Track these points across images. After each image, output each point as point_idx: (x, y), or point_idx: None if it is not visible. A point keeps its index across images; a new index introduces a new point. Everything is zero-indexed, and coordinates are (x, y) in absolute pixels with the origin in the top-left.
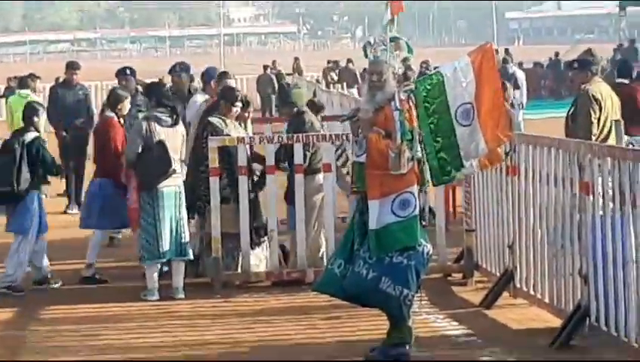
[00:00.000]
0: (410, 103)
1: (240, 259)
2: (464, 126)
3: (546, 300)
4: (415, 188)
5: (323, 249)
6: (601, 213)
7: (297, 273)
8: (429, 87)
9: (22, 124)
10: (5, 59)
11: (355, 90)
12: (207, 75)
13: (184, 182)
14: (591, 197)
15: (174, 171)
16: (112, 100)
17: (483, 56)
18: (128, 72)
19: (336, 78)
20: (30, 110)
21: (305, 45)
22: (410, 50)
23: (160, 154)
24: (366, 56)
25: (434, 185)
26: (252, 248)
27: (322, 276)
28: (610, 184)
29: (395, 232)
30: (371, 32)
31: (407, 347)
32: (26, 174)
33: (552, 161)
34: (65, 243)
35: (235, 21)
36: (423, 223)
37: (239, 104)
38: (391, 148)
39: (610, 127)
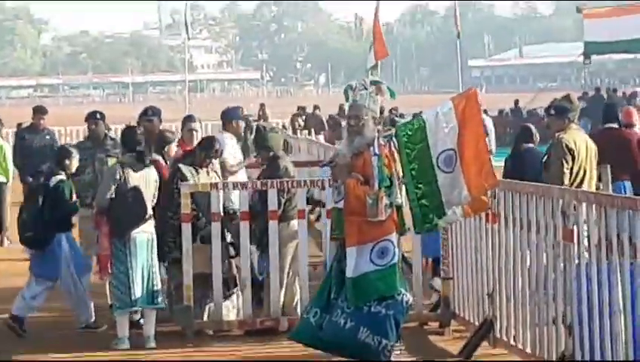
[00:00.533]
0: (393, 148)
1: (207, 307)
2: (446, 173)
3: (528, 350)
4: (394, 236)
5: (297, 297)
6: (586, 261)
7: (271, 321)
8: (410, 133)
9: None
10: None
11: (321, 137)
12: (227, 115)
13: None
14: (575, 245)
15: (151, 217)
16: (160, 142)
17: (467, 102)
18: (98, 115)
19: (303, 124)
20: (64, 152)
21: (268, 92)
22: (392, 94)
23: (135, 200)
24: (347, 100)
25: (416, 233)
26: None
27: (298, 325)
28: (595, 231)
29: (373, 281)
30: (335, 79)
31: None
32: (48, 217)
33: (534, 208)
34: None
35: (199, 68)
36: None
37: (215, 161)
38: (368, 195)
39: (584, 176)
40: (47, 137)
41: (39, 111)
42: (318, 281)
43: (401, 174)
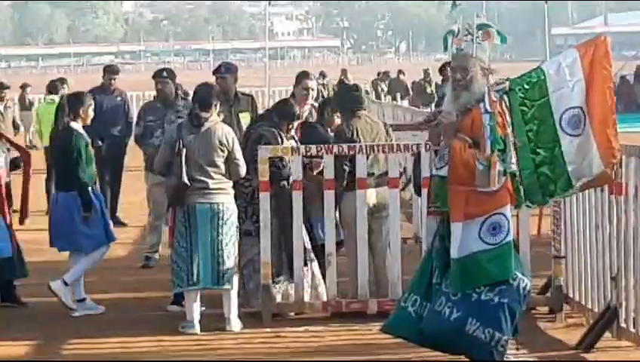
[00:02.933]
0: (504, 106)
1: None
2: (572, 136)
3: None
4: (508, 210)
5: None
6: None
7: (358, 304)
8: (527, 87)
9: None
10: (50, 71)
11: (405, 102)
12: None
13: None
14: None
15: (186, 187)
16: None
17: (595, 51)
18: (165, 73)
19: (386, 89)
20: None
21: (349, 59)
22: (503, 39)
23: (178, 165)
24: (446, 48)
25: (529, 206)
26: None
27: (393, 315)
28: None
29: (483, 263)
30: (415, 47)
31: None
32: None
33: None
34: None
35: (279, 35)
36: None
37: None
38: (479, 160)
39: None
40: (118, 98)
41: (110, 71)
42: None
43: (513, 136)
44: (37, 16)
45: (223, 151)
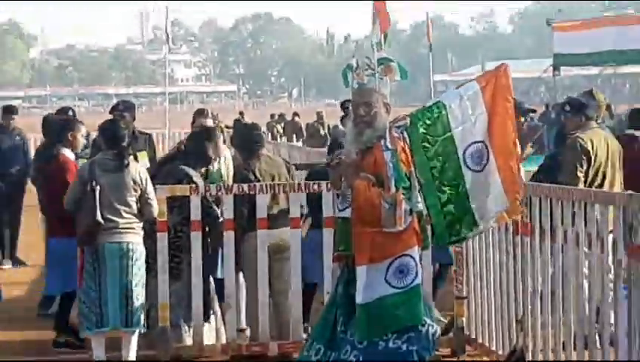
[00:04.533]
0: (406, 142)
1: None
2: (475, 171)
3: None
4: (416, 251)
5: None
6: None
7: (259, 346)
8: (428, 122)
9: None
10: None
11: (300, 143)
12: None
13: None
14: None
15: (99, 225)
16: None
17: (496, 82)
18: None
19: (282, 130)
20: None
21: (245, 104)
22: (404, 74)
23: (91, 204)
24: (346, 84)
25: (436, 245)
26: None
27: None
28: None
29: (391, 308)
30: (307, 93)
31: None
32: None
33: (581, 217)
34: None
35: (179, 80)
36: None
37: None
38: (384, 199)
39: (602, 181)
40: (17, 138)
41: (8, 111)
42: None
43: (417, 174)
44: None
45: (136, 190)
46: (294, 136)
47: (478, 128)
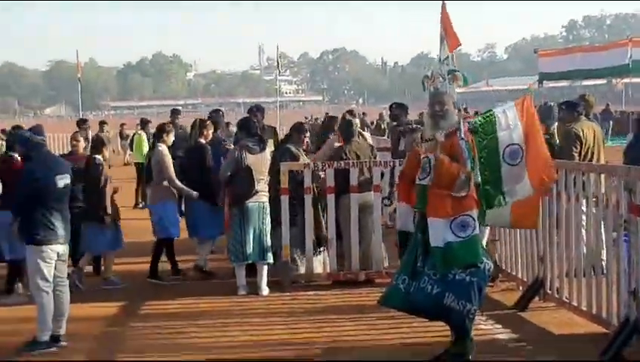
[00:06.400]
0: (472, 133)
1: (299, 264)
2: (510, 165)
3: (583, 308)
4: (475, 212)
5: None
6: None
7: (351, 274)
8: (483, 122)
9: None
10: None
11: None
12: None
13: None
14: None
15: (257, 192)
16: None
17: (524, 104)
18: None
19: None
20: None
21: (327, 108)
22: (465, 81)
23: (246, 177)
24: (424, 89)
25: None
26: (314, 255)
27: (387, 291)
28: None
29: (457, 251)
30: (369, 101)
31: (469, 359)
32: None
33: (593, 184)
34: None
35: (284, 93)
36: None
37: (307, 134)
38: (463, 172)
39: (591, 158)
40: (180, 130)
41: (176, 112)
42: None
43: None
44: None
45: (266, 166)
46: (365, 128)
47: (515, 135)
